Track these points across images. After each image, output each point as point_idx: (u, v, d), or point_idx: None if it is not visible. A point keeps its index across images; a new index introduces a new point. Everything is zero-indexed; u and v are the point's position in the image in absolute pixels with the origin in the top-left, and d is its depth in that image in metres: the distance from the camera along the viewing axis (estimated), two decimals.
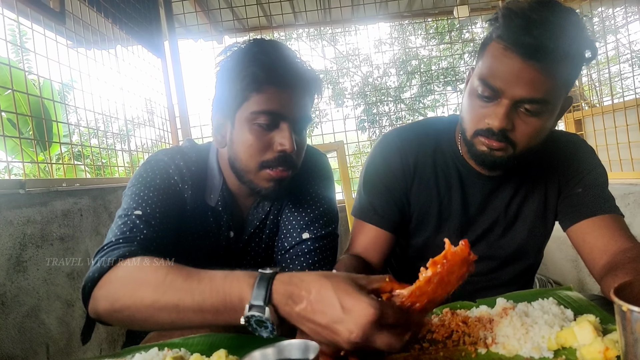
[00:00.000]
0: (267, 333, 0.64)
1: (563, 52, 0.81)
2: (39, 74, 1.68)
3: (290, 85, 0.90)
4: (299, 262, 0.98)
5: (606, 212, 1.00)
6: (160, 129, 2.66)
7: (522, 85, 0.84)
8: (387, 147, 1.11)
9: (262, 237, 1.07)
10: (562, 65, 0.83)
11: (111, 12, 2.16)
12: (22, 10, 1.57)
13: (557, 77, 0.84)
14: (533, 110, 0.86)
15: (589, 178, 1.05)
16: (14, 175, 5.52)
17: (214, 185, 1.01)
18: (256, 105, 0.89)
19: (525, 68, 0.82)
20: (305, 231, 1.01)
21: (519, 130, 0.89)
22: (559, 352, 0.65)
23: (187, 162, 1.00)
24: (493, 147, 0.91)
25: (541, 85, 0.84)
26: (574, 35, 0.82)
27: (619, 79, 3.01)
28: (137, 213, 0.88)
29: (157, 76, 2.69)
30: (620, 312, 0.47)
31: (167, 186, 0.96)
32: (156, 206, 0.91)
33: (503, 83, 0.85)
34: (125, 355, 0.76)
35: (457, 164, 1.08)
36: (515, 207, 1.08)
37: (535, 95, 0.84)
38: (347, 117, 6.30)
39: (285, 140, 0.89)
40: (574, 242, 1.04)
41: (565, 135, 1.14)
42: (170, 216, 0.93)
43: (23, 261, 1.34)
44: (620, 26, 3.18)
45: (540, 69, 0.82)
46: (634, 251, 0.90)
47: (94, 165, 2.20)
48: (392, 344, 0.58)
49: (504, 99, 0.86)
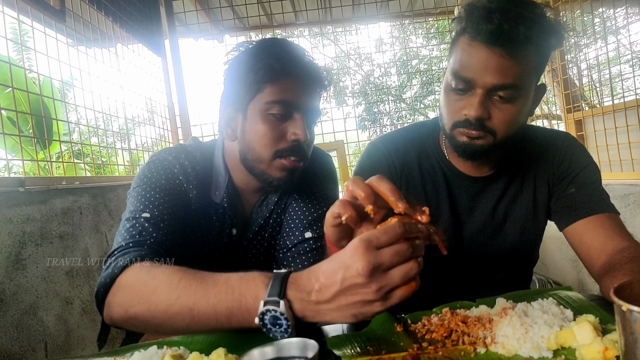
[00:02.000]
0: (281, 333, 0.63)
1: (525, 35, 0.84)
2: (39, 72, 1.68)
3: (303, 77, 0.93)
4: (300, 260, 0.98)
5: (601, 211, 1.00)
6: (160, 128, 2.66)
7: (491, 73, 0.87)
8: (374, 154, 1.12)
9: (264, 235, 1.07)
10: (527, 49, 0.86)
11: (111, 10, 2.16)
12: (23, 8, 1.57)
13: (524, 61, 0.87)
14: (506, 96, 0.89)
15: (581, 177, 1.05)
16: (14, 174, 5.52)
17: (219, 182, 1.02)
18: (270, 95, 0.91)
19: (491, 55, 0.86)
20: (308, 230, 1.01)
21: (496, 118, 0.91)
22: (558, 352, 0.65)
23: (191, 162, 1.00)
24: (472, 136, 0.93)
25: (509, 70, 0.86)
26: (534, 19, 0.85)
27: (620, 80, 3.01)
28: (145, 215, 0.88)
29: (157, 75, 2.69)
30: (620, 312, 0.47)
31: (173, 186, 0.96)
32: (163, 208, 0.91)
33: (473, 73, 0.88)
34: (124, 353, 0.76)
35: (443, 167, 1.08)
36: (504, 208, 1.08)
37: (505, 80, 0.87)
38: (347, 115, 6.31)
39: (299, 129, 0.92)
40: (571, 242, 1.04)
41: (556, 133, 1.14)
42: (176, 217, 0.93)
43: (22, 259, 1.34)
44: (621, 27, 3.18)
45: (506, 54, 0.85)
46: (631, 250, 0.90)
47: (94, 163, 2.20)
48: (408, 271, 0.58)
49: (477, 89, 0.89)
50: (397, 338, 0.76)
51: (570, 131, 2.73)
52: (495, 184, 1.07)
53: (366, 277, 0.56)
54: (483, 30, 0.85)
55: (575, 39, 2.80)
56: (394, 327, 0.80)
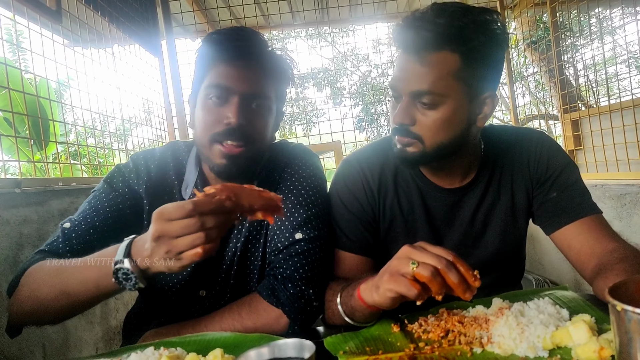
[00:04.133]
0: (130, 285, 0.75)
1: (433, 42, 0.87)
2: (36, 72, 1.67)
3: (240, 61, 0.96)
4: (293, 262, 0.96)
5: (585, 214, 1.00)
6: (157, 129, 2.66)
7: (409, 79, 0.91)
8: (350, 174, 1.10)
9: (241, 230, 1.05)
10: (440, 55, 0.87)
11: (108, 10, 2.15)
12: (19, 9, 1.57)
13: (439, 67, 0.88)
14: (428, 102, 0.90)
15: (561, 179, 1.04)
16: (10, 175, 5.50)
17: (189, 179, 1.05)
18: (209, 80, 0.95)
19: (407, 62, 0.91)
20: (298, 231, 0.99)
21: (420, 124, 0.93)
22: (554, 351, 0.65)
23: (147, 160, 1.07)
24: (403, 142, 0.96)
25: (423, 76, 0.89)
26: (447, 25, 0.86)
27: (616, 80, 3.02)
28: (66, 226, 0.96)
29: (154, 75, 2.69)
30: (614, 311, 0.47)
31: (113, 189, 1.03)
32: (90, 216, 0.98)
33: (397, 81, 0.93)
34: (121, 354, 0.76)
35: (417, 181, 1.08)
36: (482, 216, 1.07)
37: (420, 87, 0.89)
38: (345, 116, 6.30)
39: (231, 113, 0.93)
40: (559, 247, 1.04)
41: (527, 132, 1.12)
42: (108, 225, 0.98)
43: (20, 261, 1.33)
44: (617, 27, 3.19)
45: (418, 60, 0.88)
46: (620, 251, 0.90)
47: (91, 164, 2.20)
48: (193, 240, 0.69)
49: (403, 97, 0.93)
50: (394, 338, 0.77)
51: (567, 131, 2.74)
52: (472, 193, 1.07)
53: (152, 241, 0.70)
54: (399, 40, 0.91)
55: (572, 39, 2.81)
56: (390, 327, 0.80)
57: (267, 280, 0.97)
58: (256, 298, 0.94)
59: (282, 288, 0.93)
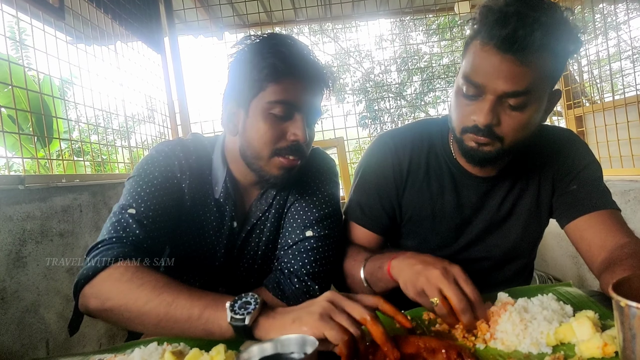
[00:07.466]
0: None
1: (540, 42, 0.80)
2: (39, 70, 1.67)
3: (306, 78, 0.94)
4: (301, 258, 0.98)
5: (602, 207, 1.00)
6: (160, 125, 2.66)
7: (503, 79, 0.84)
8: (381, 150, 1.11)
9: (263, 230, 1.07)
10: (541, 56, 0.83)
11: (111, 8, 2.15)
12: (22, 6, 1.57)
13: (538, 68, 0.84)
14: (517, 103, 0.86)
15: (583, 174, 1.05)
16: (14, 171, 5.52)
17: (218, 177, 1.04)
18: (273, 95, 0.92)
19: (504, 61, 0.83)
20: (309, 229, 1.01)
21: (505, 125, 0.89)
22: (557, 347, 0.65)
23: (185, 153, 1.02)
24: (480, 142, 0.91)
25: (521, 77, 0.84)
26: (551, 25, 0.81)
27: (620, 76, 3.00)
28: (131, 212, 0.91)
29: (157, 72, 2.69)
30: (618, 307, 0.47)
31: (165, 179, 0.98)
32: (152, 204, 0.93)
33: (484, 79, 0.86)
34: (125, 350, 0.76)
35: (450, 166, 1.08)
36: (509, 205, 1.08)
37: (516, 88, 0.84)
38: (348, 113, 6.30)
39: (299, 130, 0.93)
40: (571, 239, 1.04)
41: (559, 130, 1.14)
42: (165, 213, 0.95)
43: (23, 257, 1.34)
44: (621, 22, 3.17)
45: (519, 60, 0.82)
46: (631, 246, 0.90)
47: (94, 161, 2.20)
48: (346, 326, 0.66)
49: (487, 95, 0.87)
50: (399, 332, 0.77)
51: (571, 127, 2.72)
52: (502, 183, 1.07)
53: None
54: (496, 36, 0.81)
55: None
56: (394, 323, 0.80)
57: (274, 275, 0.99)
58: (262, 291, 0.95)
59: (288, 282, 0.95)
